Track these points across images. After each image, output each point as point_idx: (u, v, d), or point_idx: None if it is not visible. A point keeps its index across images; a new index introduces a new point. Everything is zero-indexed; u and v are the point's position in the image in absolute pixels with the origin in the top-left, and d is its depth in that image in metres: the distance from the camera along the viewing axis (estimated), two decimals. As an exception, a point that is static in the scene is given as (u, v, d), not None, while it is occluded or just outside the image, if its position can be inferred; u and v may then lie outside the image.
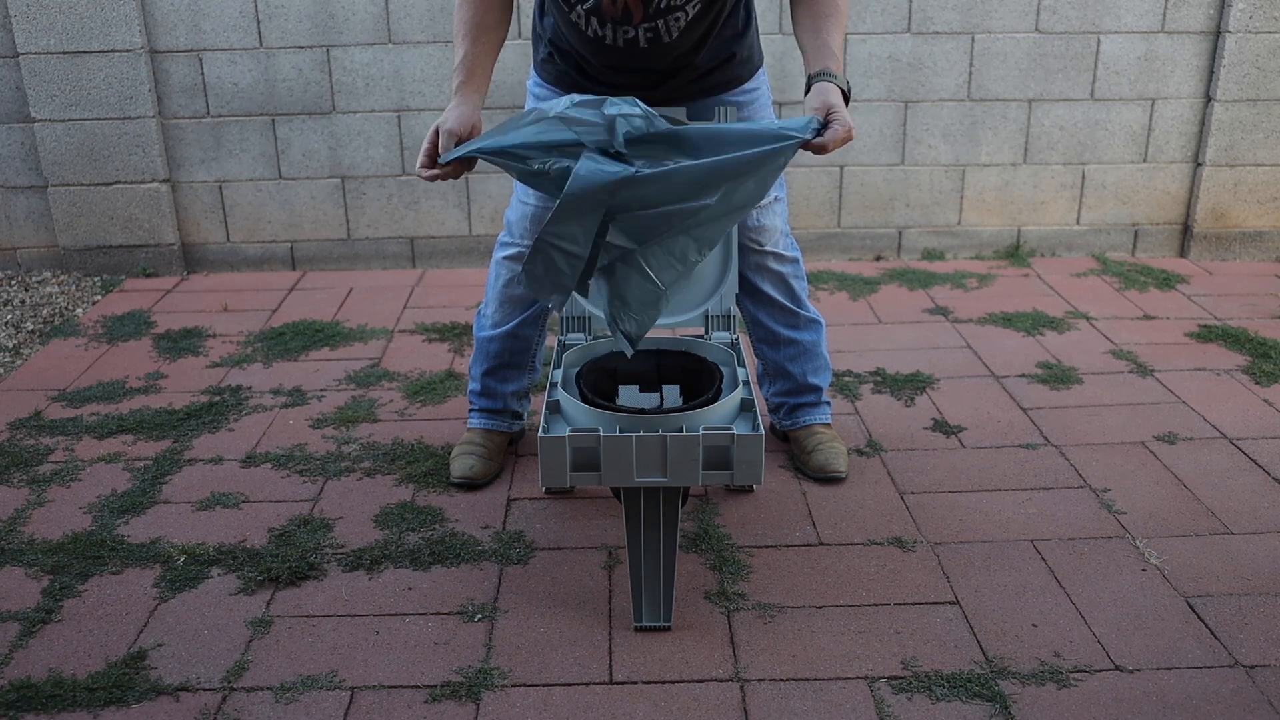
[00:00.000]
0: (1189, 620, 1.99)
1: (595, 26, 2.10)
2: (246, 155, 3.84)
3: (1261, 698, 1.79)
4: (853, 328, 3.37)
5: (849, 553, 2.22)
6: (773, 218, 2.36)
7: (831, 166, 3.90)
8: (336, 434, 2.74)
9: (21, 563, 2.20)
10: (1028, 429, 2.72)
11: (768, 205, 2.35)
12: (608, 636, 1.97)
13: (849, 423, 2.76)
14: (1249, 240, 3.97)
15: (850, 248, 4.01)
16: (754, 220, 2.34)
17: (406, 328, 3.43)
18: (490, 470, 2.49)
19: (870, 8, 3.72)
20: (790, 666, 1.88)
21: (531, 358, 2.54)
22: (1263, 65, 3.74)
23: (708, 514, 2.35)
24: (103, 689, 1.84)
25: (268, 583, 2.13)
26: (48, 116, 3.72)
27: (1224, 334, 3.27)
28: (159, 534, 2.31)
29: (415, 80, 3.76)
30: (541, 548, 2.25)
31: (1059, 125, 3.87)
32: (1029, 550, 2.22)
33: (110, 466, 2.59)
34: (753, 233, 2.35)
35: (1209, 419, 2.76)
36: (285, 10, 3.68)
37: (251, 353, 3.24)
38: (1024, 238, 4.02)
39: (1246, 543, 2.23)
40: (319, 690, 1.84)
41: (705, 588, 2.10)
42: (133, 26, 3.63)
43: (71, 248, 3.89)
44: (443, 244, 3.97)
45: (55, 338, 3.38)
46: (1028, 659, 1.90)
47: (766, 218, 2.35)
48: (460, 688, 1.84)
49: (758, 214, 2.34)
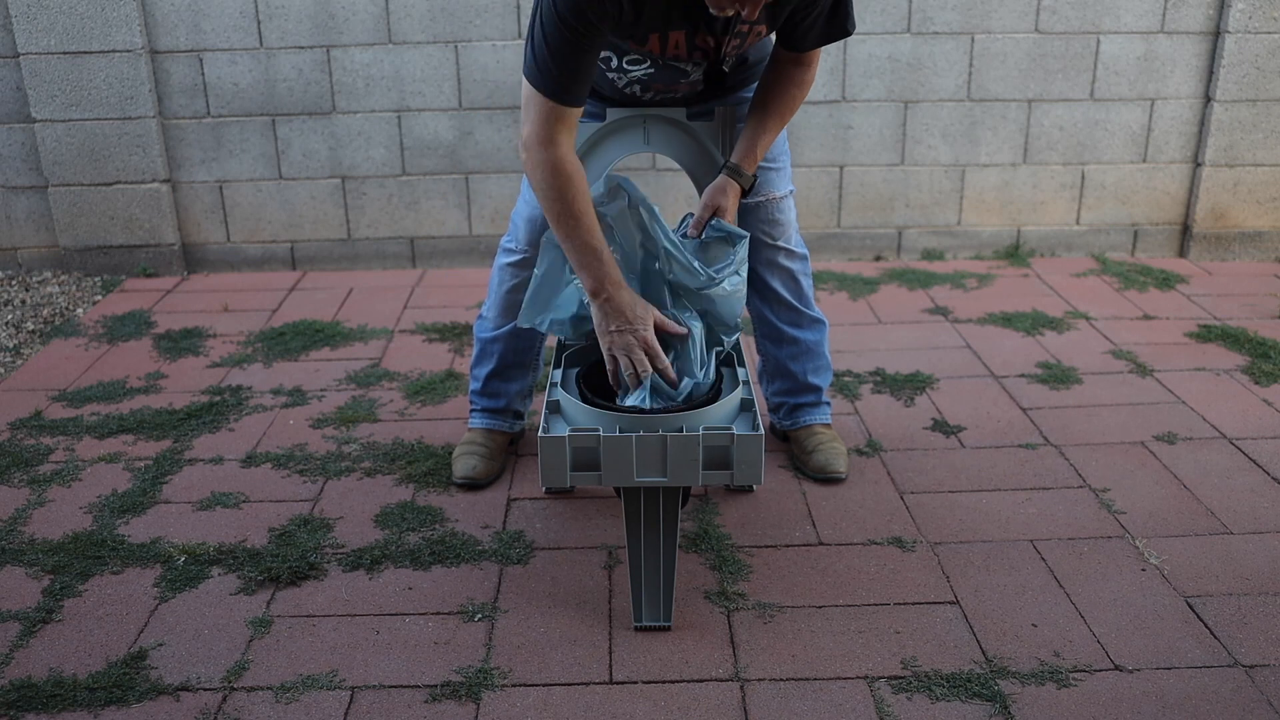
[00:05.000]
0: (1188, 620, 1.99)
1: (636, 90, 2.12)
2: (247, 155, 3.84)
3: (1261, 697, 1.80)
4: (852, 328, 3.37)
5: (849, 553, 2.22)
6: (786, 212, 2.36)
7: (831, 167, 3.90)
8: (337, 434, 2.74)
9: (22, 562, 2.20)
10: (1027, 429, 2.72)
11: (782, 199, 2.33)
12: (608, 636, 1.97)
13: (849, 423, 2.76)
14: (1248, 240, 3.97)
15: (850, 248, 4.01)
16: (769, 213, 2.33)
17: (407, 328, 3.43)
18: (492, 470, 2.50)
19: (870, 8, 3.73)
20: (790, 666, 1.88)
21: (535, 356, 2.54)
22: (1262, 65, 3.75)
23: (708, 514, 2.35)
24: (103, 689, 1.84)
25: (268, 582, 2.13)
26: (48, 117, 3.72)
27: (1223, 334, 3.27)
28: (159, 534, 2.31)
29: (415, 80, 3.77)
30: (541, 548, 2.25)
31: (1059, 125, 3.88)
32: (1029, 550, 2.22)
33: (111, 466, 2.59)
34: (767, 225, 2.34)
35: (1208, 419, 2.76)
36: (285, 10, 3.68)
37: (252, 353, 3.24)
38: (1024, 238, 4.02)
39: (1246, 542, 2.23)
40: (319, 690, 1.84)
41: (705, 587, 2.10)
42: (133, 27, 3.63)
43: (72, 248, 3.89)
44: (443, 244, 3.97)
45: (56, 338, 3.39)
46: (1027, 659, 1.90)
47: (780, 212, 2.34)
48: (460, 687, 1.84)
49: (772, 207, 2.33)
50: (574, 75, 1.88)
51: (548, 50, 1.86)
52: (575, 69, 1.87)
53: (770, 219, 2.33)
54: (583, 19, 1.82)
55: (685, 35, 1.96)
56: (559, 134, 1.92)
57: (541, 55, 1.87)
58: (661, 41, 1.97)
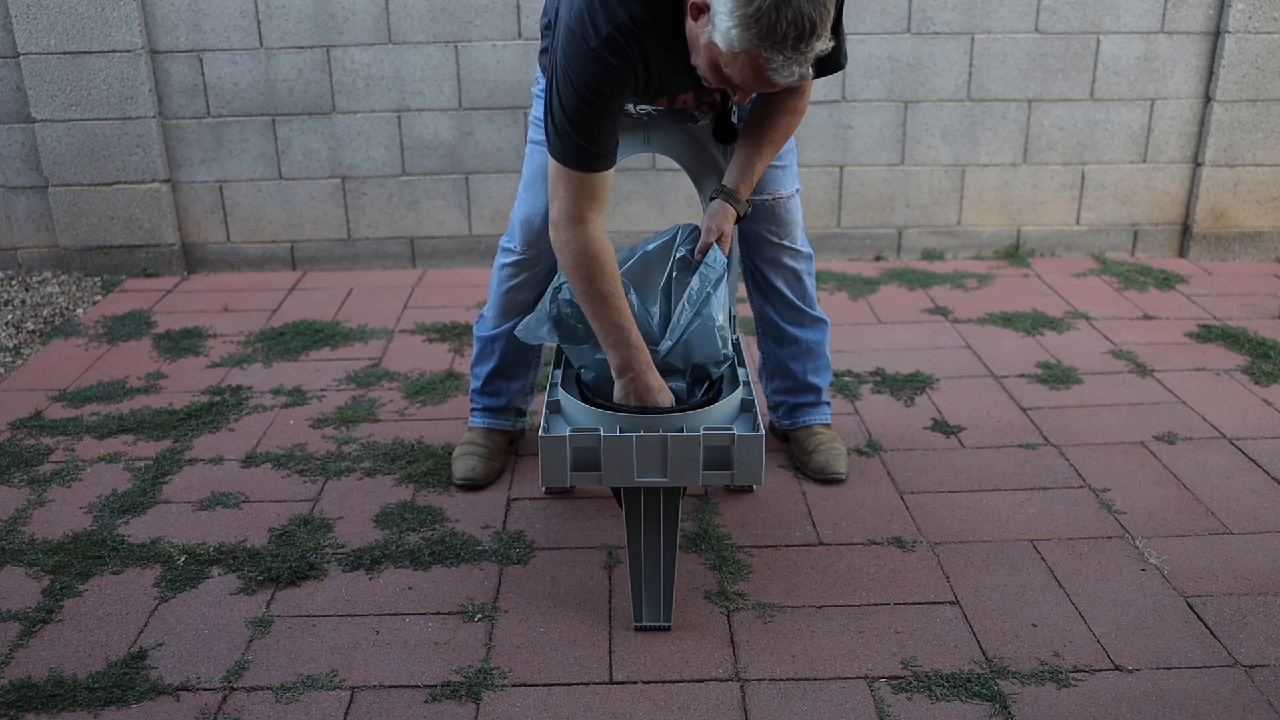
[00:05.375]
0: (1188, 620, 1.99)
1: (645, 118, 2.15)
2: (247, 155, 3.84)
3: (1261, 697, 1.80)
4: (852, 328, 3.37)
5: (849, 553, 2.22)
6: (792, 211, 2.35)
7: (831, 167, 3.90)
8: (337, 434, 2.74)
9: (22, 563, 2.20)
10: (1027, 429, 2.72)
11: (788, 198, 2.33)
12: (608, 636, 1.97)
13: (849, 423, 2.76)
14: (1248, 240, 3.97)
15: (850, 248, 4.01)
16: (774, 212, 2.33)
17: (407, 328, 3.43)
18: (492, 470, 2.49)
19: (870, 8, 3.73)
20: (790, 666, 1.88)
21: (536, 354, 2.54)
22: (1262, 65, 3.74)
23: (708, 514, 2.35)
24: (103, 689, 1.84)
25: (268, 583, 2.13)
26: (48, 117, 3.72)
27: (1223, 334, 3.27)
28: (159, 534, 2.31)
29: (415, 80, 3.76)
30: (541, 548, 2.25)
31: (1059, 125, 3.87)
32: (1029, 550, 2.22)
33: (111, 466, 2.59)
34: (773, 224, 2.34)
35: (1208, 419, 2.76)
36: (285, 10, 3.68)
37: (252, 353, 3.24)
38: (1024, 238, 4.02)
39: (1246, 542, 2.23)
40: (319, 690, 1.84)
41: (705, 587, 2.10)
42: (133, 27, 3.63)
43: (72, 248, 3.89)
44: (443, 244, 3.97)
45: (56, 338, 3.38)
46: (1027, 659, 1.90)
47: (786, 210, 2.34)
48: (460, 688, 1.84)
49: (778, 206, 2.32)
50: (599, 143, 1.89)
51: (570, 126, 1.87)
52: (599, 137, 1.88)
53: (775, 217, 2.33)
54: (600, 94, 1.84)
55: (694, 95, 2.00)
56: (589, 210, 1.93)
57: (565, 131, 1.88)
58: (670, 101, 2.03)
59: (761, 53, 1.64)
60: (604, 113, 1.87)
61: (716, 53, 1.70)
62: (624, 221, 3.92)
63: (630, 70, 1.84)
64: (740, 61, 1.68)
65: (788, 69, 1.65)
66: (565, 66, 1.85)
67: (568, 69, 1.84)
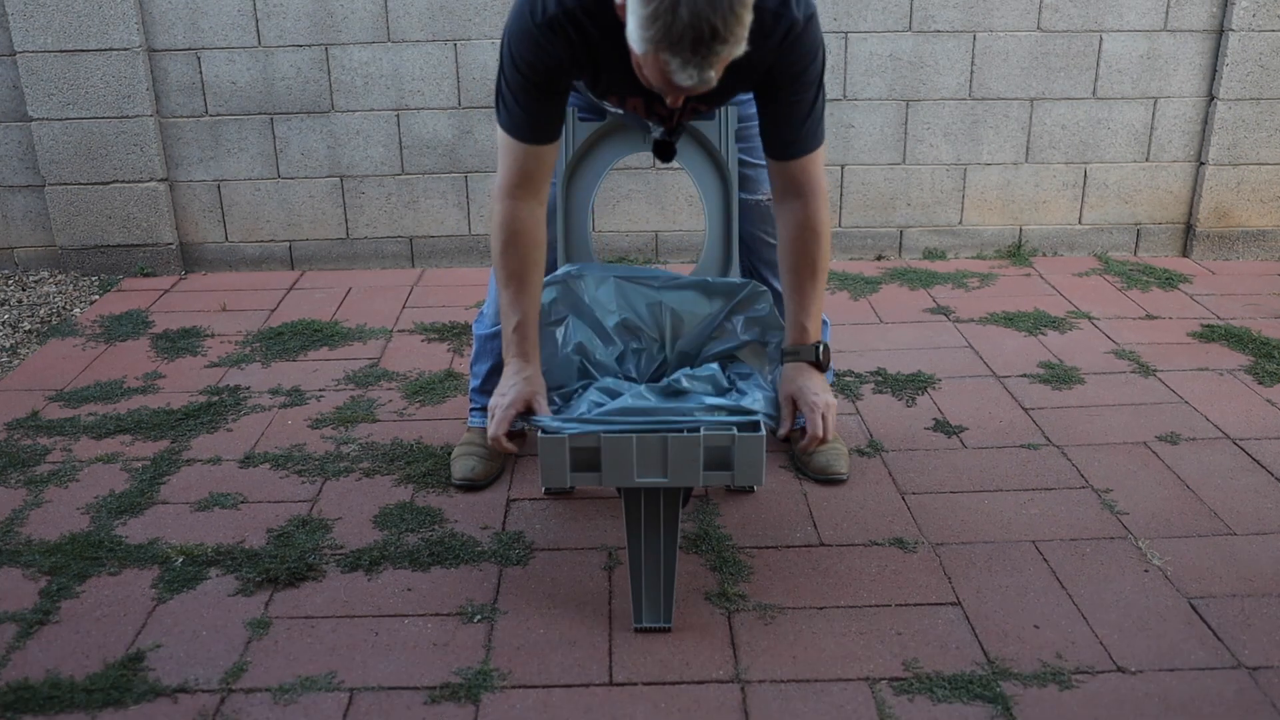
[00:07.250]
0: (1191, 621, 1.98)
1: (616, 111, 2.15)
2: (245, 154, 3.83)
3: (1264, 699, 1.79)
4: (854, 327, 3.36)
5: (850, 553, 2.21)
6: None
7: (832, 166, 3.89)
8: (335, 434, 2.73)
9: (19, 563, 2.19)
10: (1029, 429, 2.71)
11: None
12: (608, 637, 1.96)
13: (850, 423, 2.75)
14: (1252, 239, 3.96)
15: (851, 247, 4.00)
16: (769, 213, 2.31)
17: (405, 327, 3.42)
18: (491, 471, 2.48)
19: (871, 6, 3.72)
20: (791, 668, 1.87)
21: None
22: (1266, 63, 3.73)
23: (708, 514, 2.34)
24: (100, 690, 1.83)
25: (266, 583, 2.12)
26: (45, 115, 3.71)
27: (1227, 334, 3.26)
28: (157, 534, 2.30)
29: (414, 79, 3.75)
30: (541, 548, 2.24)
31: (1061, 124, 3.86)
32: (1031, 551, 2.21)
33: (108, 467, 2.58)
34: (771, 226, 2.32)
35: (1211, 419, 2.75)
36: (284, 9, 3.67)
37: (250, 352, 3.23)
38: (1026, 237, 4.01)
39: (1249, 543, 2.22)
40: (318, 691, 1.83)
41: (705, 588, 2.09)
42: (130, 25, 3.62)
43: (69, 247, 3.88)
44: (442, 243, 3.96)
45: (53, 337, 3.37)
46: (1029, 660, 1.89)
47: None
48: (460, 689, 1.83)
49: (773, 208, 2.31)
50: (536, 116, 1.91)
51: (513, 97, 1.90)
52: (535, 110, 1.91)
53: (771, 219, 2.32)
54: (534, 70, 1.86)
55: (643, 102, 1.99)
56: (523, 185, 1.95)
57: (509, 101, 1.91)
58: (620, 102, 2.02)
59: (660, 54, 1.62)
60: (540, 90, 1.88)
61: (633, 54, 1.70)
62: (624, 221, 3.91)
63: (570, 55, 1.84)
64: (649, 62, 1.66)
65: (686, 72, 1.63)
66: (506, 38, 1.87)
67: (509, 41, 1.87)
